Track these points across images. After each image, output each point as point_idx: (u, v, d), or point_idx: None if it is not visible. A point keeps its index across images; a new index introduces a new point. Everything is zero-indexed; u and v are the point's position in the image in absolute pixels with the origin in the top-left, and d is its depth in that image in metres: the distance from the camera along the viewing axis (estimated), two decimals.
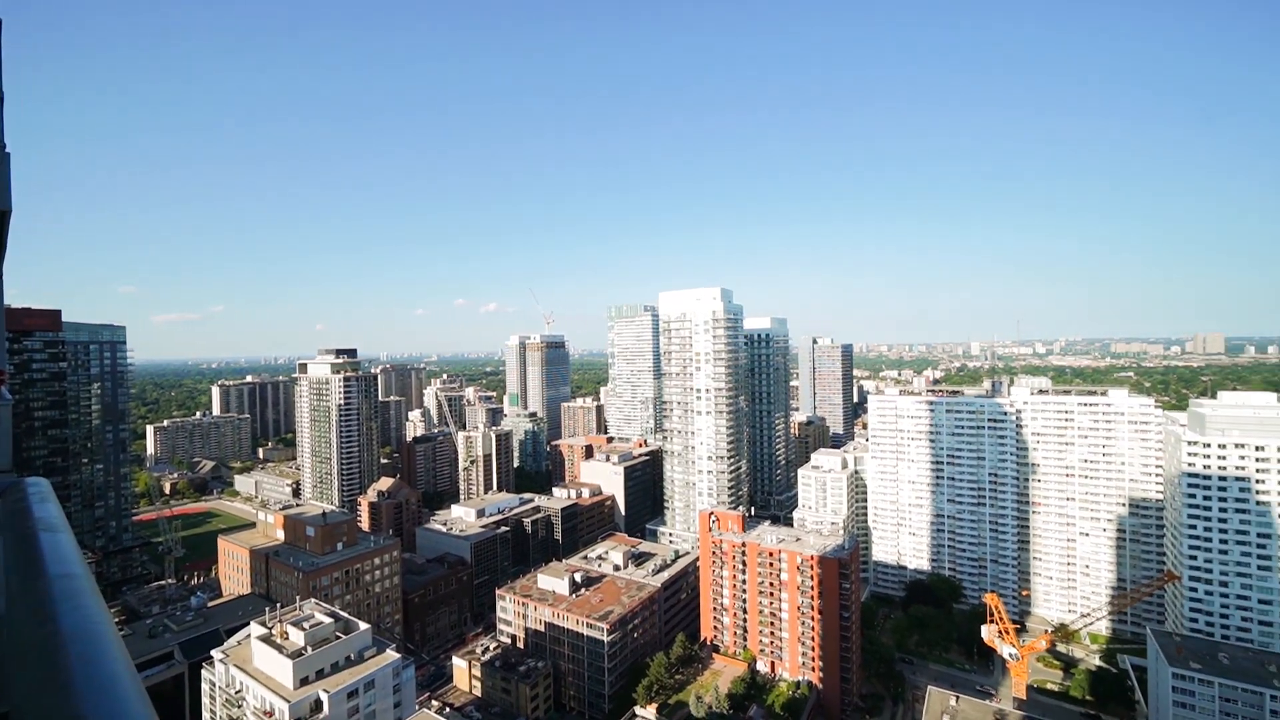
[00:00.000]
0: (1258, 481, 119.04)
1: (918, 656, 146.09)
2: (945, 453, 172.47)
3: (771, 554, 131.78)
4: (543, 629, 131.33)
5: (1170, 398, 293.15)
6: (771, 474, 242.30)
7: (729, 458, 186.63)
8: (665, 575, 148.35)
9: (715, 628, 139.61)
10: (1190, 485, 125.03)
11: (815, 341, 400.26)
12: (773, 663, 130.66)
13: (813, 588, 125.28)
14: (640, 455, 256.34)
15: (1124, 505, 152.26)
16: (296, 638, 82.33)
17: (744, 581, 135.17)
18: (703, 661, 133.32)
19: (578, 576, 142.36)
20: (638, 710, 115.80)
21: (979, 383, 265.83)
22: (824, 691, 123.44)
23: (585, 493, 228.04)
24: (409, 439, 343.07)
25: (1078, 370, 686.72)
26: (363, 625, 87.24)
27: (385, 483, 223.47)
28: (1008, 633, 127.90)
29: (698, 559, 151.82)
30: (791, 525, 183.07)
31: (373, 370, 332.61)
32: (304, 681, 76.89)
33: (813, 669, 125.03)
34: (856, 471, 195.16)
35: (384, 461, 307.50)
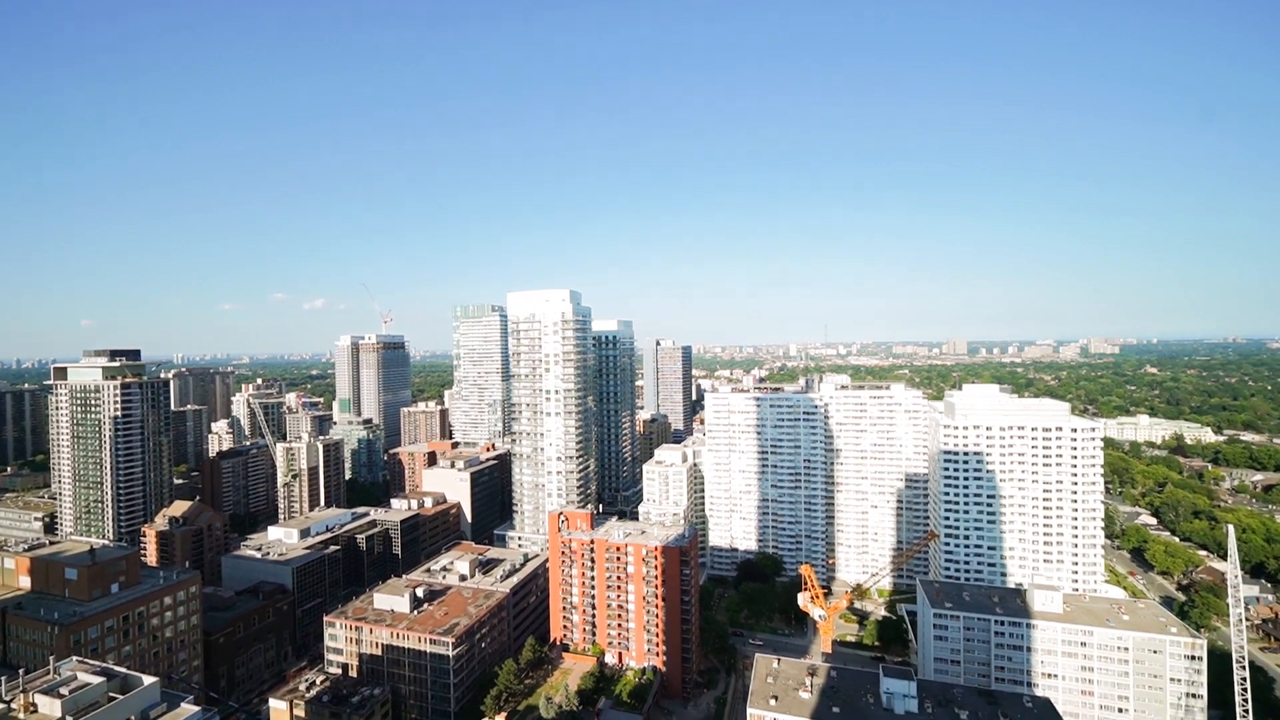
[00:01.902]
0: (986, 454, 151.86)
1: (747, 629, 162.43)
2: (769, 443, 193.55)
3: (619, 548, 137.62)
4: (380, 653, 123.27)
5: (933, 390, 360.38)
6: (619, 471, 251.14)
7: (578, 458, 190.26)
8: (514, 580, 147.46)
9: (565, 626, 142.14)
10: (946, 460, 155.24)
11: (658, 343, 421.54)
12: (620, 653, 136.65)
13: (656, 577, 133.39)
14: (488, 460, 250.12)
15: (902, 480, 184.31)
16: (49, 708, 68.01)
17: (593, 578, 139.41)
18: (553, 662, 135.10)
19: (420, 591, 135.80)
20: None
21: (796, 380, 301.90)
22: (667, 674, 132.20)
23: (428, 502, 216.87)
24: (213, 454, 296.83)
25: (869, 368, 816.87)
26: (148, 679, 74.83)
27: (180, 507, 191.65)
28: (818, 598, 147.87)
29: (547, 560, 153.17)
30: (637, 519, 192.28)
31: (163, 375, 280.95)
32: None
33: (657, 654, 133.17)
34: (695, 464, 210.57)
35: (179, 483, 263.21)
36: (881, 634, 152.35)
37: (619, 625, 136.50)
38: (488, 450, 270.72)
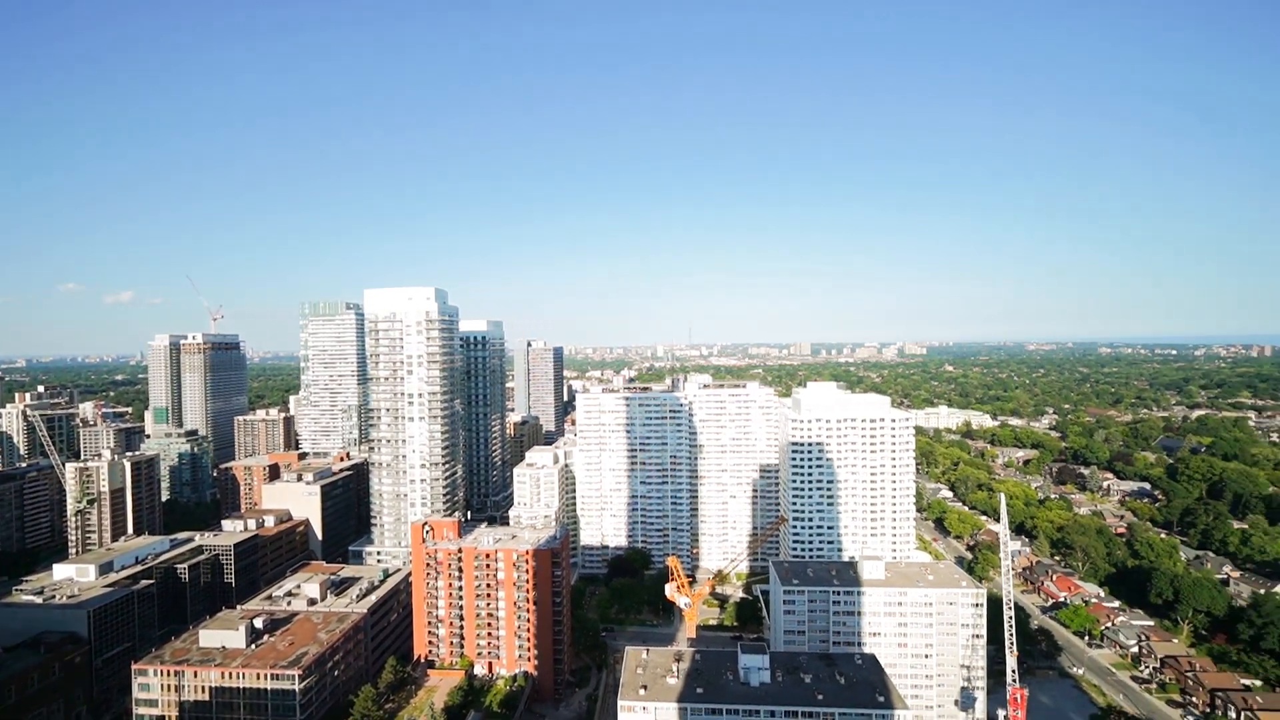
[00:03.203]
0: (826, 444, 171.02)
1: (618, 624, 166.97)
2: (638, 441, 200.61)
3: (488, 555, 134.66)
4: (208, 698, 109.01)
5: (782, 388, 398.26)
6: (488, 475, 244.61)
7: (444, 464, 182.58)
8: (372, 599, 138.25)
9: (431, 642, 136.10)
10: (793, 451, 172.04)
11: (530, 344, 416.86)
12: (490, 663, 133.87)
13: (528, 582, 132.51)
14: (342, 470, 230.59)
15: (756, 471, 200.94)
16: None
17: (460, 588, 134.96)
18: (417, 681, 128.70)
19: (259, 622, 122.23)
20: None
21: (663, 380, 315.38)
22: (539, 677, 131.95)
23: (270, 521, 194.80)
24: None
25: (729, 368, 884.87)
26: None
27: None
28: (683, 587, 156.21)
29: (411, 575, 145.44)
30: (508, 524, 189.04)
31: None
32: None
33: (529, 659, 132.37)
34: (567, 465, 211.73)
35: None
36: (740, 614, 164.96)
37: (489, 634, 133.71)
38: (341, 460, 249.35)
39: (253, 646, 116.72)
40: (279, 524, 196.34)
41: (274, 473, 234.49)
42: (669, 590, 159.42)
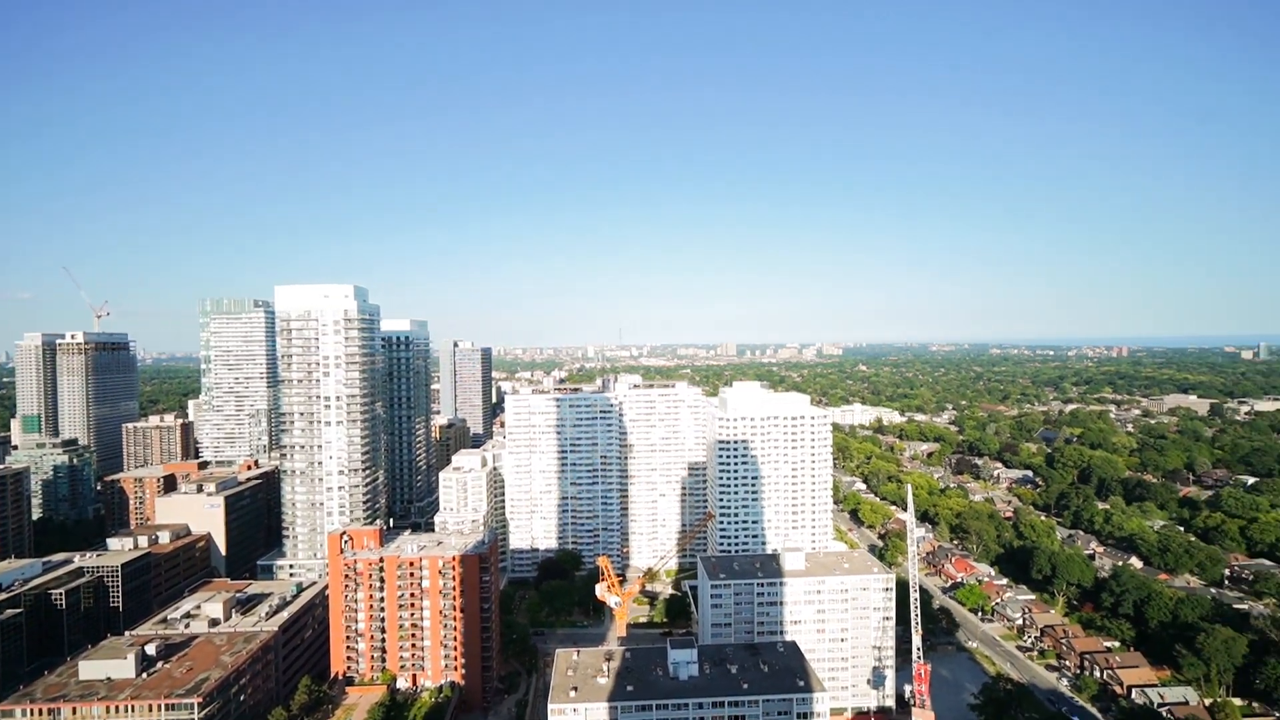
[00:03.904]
0: (751, 441, 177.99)
1: (549, 626, 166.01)
2: (569, 442, 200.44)
3: (412, 564, 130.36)
4: None
5: (710, 388, 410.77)
6: (412, 480, 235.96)
7: (364, 470, 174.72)
8: (284, 615, 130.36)
9: (350, 658, 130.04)
10: (720, 449, 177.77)
11: (456, 345, 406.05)
12: (415, 675, 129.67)
13: (454, 589, 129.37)
14: (250, 480, 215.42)
15: (685, 469, 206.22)
16: None
17: (382, 599, 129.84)
18: (334, 700, 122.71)
19: (151, 648, 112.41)
20: None
21: (594, 380, 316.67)
22: (466, 687, 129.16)
23: (165, 537, 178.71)
24: None
25: (658, 369, 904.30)
26: None
27: None
28: (613, 586, 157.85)
29: (327, 588, 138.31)
30: (434, 530, 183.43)
31: None
32: None
33: (456, 669, 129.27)
34: (496, 468, 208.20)
35: None
36: (669, 611, 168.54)
37: (413, 646, 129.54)
38: (248, 468, 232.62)
39: (144, 675, 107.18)
40: (175, 540, 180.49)
41: (170, 484, 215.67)
42: (599, 590, 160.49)
